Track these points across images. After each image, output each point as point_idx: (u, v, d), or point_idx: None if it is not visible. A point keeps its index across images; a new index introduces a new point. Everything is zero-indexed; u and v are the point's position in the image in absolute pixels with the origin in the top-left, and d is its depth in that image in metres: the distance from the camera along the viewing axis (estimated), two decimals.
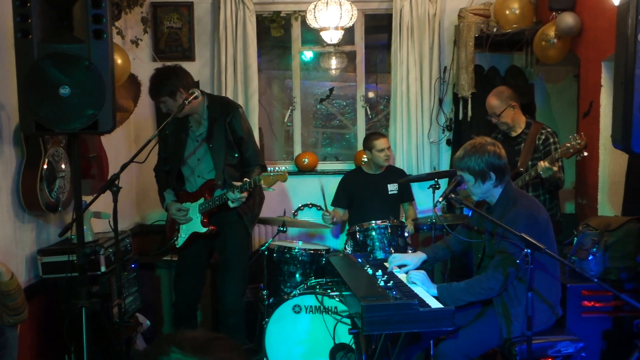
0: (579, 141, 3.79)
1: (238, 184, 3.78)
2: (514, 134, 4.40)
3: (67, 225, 3.25)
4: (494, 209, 3.28)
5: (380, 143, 4.96)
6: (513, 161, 4.26)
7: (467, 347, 3.13)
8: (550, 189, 4.23)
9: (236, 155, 4.00)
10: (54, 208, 3.67)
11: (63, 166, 3.75)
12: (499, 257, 3.10)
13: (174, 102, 3.85)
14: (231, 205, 3.86)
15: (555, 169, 3.94)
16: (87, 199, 3.37)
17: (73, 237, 3.45)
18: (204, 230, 3.99)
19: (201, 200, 3.99)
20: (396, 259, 3.58)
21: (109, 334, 3.46)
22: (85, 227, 3.52)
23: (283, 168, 3.79)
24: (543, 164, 3.93)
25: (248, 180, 3.75)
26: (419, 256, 3.58)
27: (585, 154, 3.84)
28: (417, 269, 3.51)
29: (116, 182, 3.23)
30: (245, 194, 3.83)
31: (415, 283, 3.17)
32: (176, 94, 3.85)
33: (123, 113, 4.69)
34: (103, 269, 3.78)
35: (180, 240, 4.08)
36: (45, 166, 3.55)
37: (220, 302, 4.08)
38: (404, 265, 3.51)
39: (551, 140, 4.27)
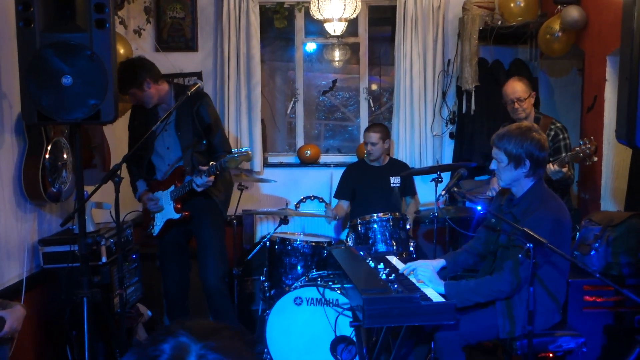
0: (590, 146, 3.72)
1: (205, 167, 3.81)
2: None
3: (69, 215, 3.26)
4: (518, 202, 3.15)
5: (365, 135, 4.99)
6: None
7: (467, 334, 3.08)
8: (561, 187, 4.20)
9: (204, 142, 4.06)
10: (55, 198, 3.66)
11: (65, 156, 3.74)
12: (515, 260, 2.99)
13: (142, 93, 3.93)
14: (197, 189, 3.89)
15: (564, 170, 3.85)
16: (88, 189, 3.37)
17: (74, 227, 3.45)
18: (177, 216, 4.05)
19: (172, 188, 4.05)
20: (412, 266, 3.37)
21: (110, 324, 3.47)
22: (86, 217, 3.51)
23: (246, 148, 3.79)
24: (552, 167, 3.82)
25: (214, 163, 3.77)
26: (438, 262, 3.40)
27: (595, 159, 3.76)
28: None
29: (118, 172, 3.23)
30: (211, 178, 3.86)
31: (423, 282, 3.08)
32: (143, 84, 3.91)
33: (125, 103, 4.67)
34: (104, 259, 3.78)
35: (156, 229, 4.15)
36: (47, 156, 3.54)
37: (204, 286, 4.13)
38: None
39: (561, 136, 4.21)
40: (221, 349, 1.08)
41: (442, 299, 2.86)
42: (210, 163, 3.81)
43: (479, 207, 3.30)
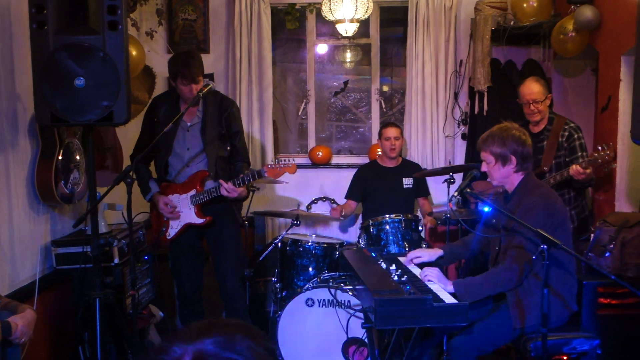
0: (608, 152, 3.68)
1: (241, 175, 3.80)
2: (536, 130, 4.25)
3: (82, 216, 3.27)
4: (511, 197, 3.26)
5: (387, 131, 4.99)
6: (536, 159, 4.16)
7: (481, 342, 3.11)
8: (583, 188, 4.17)
9: (228, 148, 4.05)
10: (68, 199, 3.68)
11: (78, 157, 3.76)
12: (515, 251, 3.06)
13: (197, 85, 3.86)
14: (225, 195, 3.85)
15: (588, 171, 3.82)
16: (101, 190, 3.38)
17: (87, 228, 3.46)
18: (200, 221, 4.01)
19: (192, 192, 3.99)
20: (411, 254, 3.57)
21: (122, 325, 3.48)
22: (99, 219, 3.53)
23: (292, 160, 3.79)
24: (576, 167, 3.82)
25: (249, 172, 3.78)
26: (435, 251, 3.56)
27: (615, 165, 3.74)
28: (431, 263, 3.49)
29: (130, 173, 3.23)
30: (242, 188, 3.86)
31: (431, 281, 3.11)
32: (201, 76, 3.91)
33: (137, 105, 4.70)
34: (117, 260, 3.79)
35: (172, 232, 4.07)
36: (60, 157, 3.56)
37: (221, 291, 4.11)
38: (418, 258, 3.50)
39: (575, 136, 4.14)
40: (217, 343, 1.07)
41: (454, 300, 2.84)
42: (246, 172, 3.84)
43: (486, 208, 3.29)
